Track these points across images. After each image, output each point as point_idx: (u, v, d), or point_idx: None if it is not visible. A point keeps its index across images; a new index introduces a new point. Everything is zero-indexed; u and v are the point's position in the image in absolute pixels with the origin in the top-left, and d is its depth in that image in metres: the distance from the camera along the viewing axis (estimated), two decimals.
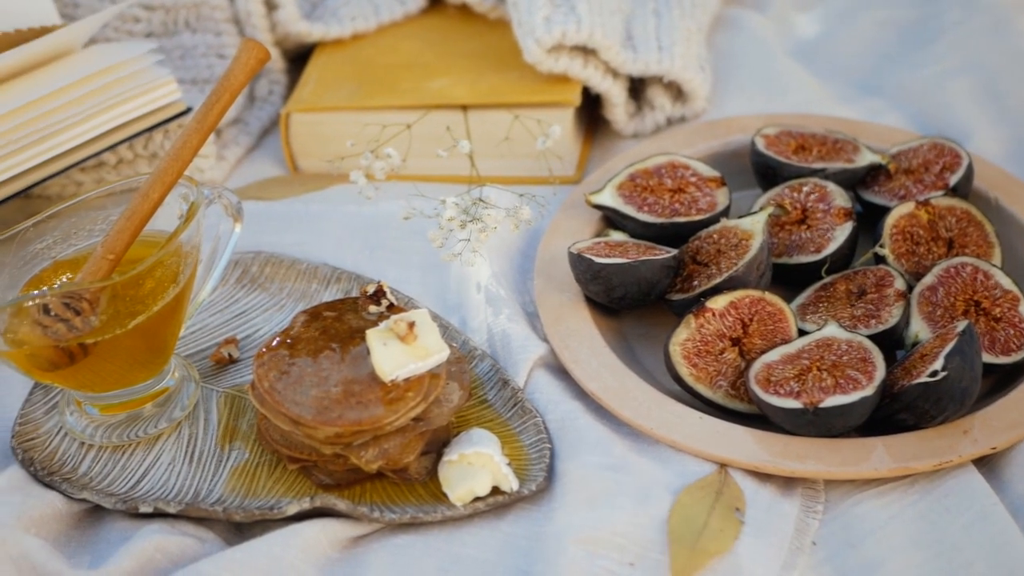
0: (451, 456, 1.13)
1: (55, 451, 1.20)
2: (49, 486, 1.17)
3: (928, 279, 1.24)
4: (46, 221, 1.21)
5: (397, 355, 1.12)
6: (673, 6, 1.53)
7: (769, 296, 1.23)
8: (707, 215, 1.32)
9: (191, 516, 1.14)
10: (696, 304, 1.22)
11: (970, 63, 1.57)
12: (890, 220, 1.29)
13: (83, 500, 1.16)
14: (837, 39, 1.66)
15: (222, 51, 1.56)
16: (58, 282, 1.20)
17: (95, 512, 1.17)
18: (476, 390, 1.22)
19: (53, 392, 1.25)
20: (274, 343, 1.17)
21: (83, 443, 1.21)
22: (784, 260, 1.30)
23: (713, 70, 1.57)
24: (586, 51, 1.46)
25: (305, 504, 1.12)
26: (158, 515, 1.15)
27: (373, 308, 1.19)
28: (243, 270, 1.36)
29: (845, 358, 1.17)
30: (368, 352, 1.13)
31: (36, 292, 1.16)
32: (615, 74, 1.48)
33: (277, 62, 1.59)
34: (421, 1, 1.61)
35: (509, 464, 1.14)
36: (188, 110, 1.43)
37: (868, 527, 1.11)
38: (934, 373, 1.12)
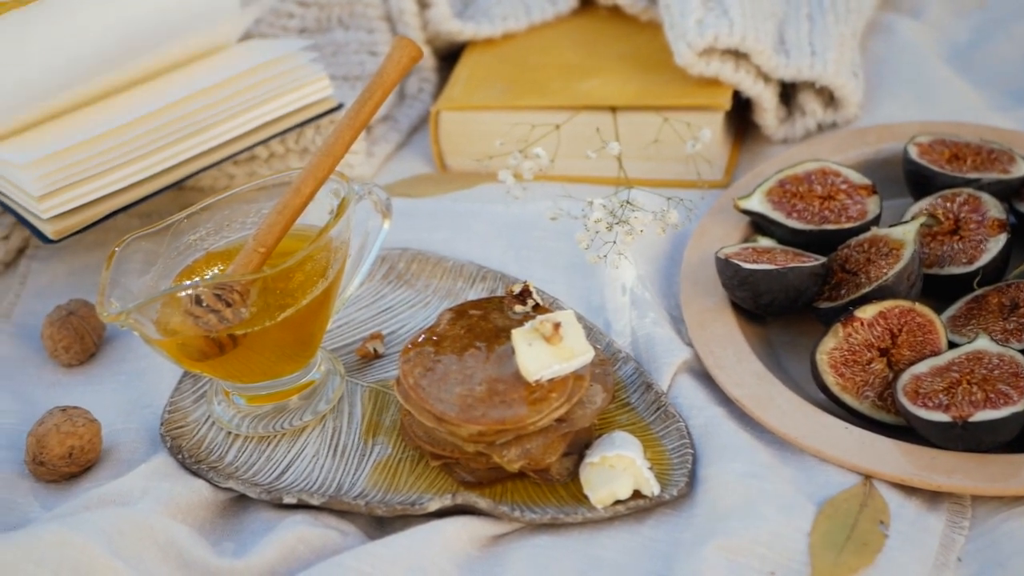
0: (593, 458, 1.13)
1: (202, 440, 1.22)
2: (196, 474, 1.19)
3: None
4: (199, 213, 1.23)
5: (542, 355, 1.12)
6: (827, 11, 1.52)
7: (919, 307, 1.21)
8: (857, 223, 1.30)
9: (333, 509, 1.15)
10: (844, 313, 1.21)
11: None
12: None
13: (228, 489, 1.18)
14: (994, 46, 1.63)
15: (374, 48, 1.57)
16: (210, 273, 1.22)
17: (240, 501, 1.19)
18: (619, 393, 1.22)
19: (202, 382, 1.27)
20: (420, 340, 1.17)
21: (230, 433, 1.22)
22: (935, 271, 1.28)
23: (866, 76, 1.55)
24: (738, 55, 1.45)
25: (446, 501, 1.13)
26: (301, 506, 1.16)
27: (519, 308, 1.19)
28: (390, 266, 1.37)
29: (996, 372, 1.15)
30: (513, 352, 1.13)
31: (188, 283, 1.18)
32: (766, 79, 1.47)
33: (428, 60, 1.60)
34: (572, 2, 1.61)
35: (651, 468, 1.14)
36: (339, 106, 1.44)
37: (1017, 545, 1.09)
38: None
